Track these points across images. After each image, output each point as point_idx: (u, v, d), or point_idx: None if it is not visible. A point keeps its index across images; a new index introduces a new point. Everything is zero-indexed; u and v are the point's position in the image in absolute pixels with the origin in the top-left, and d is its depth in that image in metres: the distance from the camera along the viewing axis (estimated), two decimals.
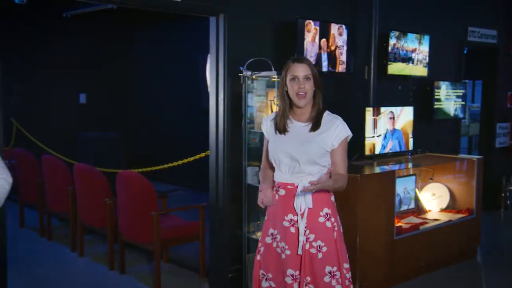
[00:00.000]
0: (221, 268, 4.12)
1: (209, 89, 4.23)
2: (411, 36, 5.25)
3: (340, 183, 2.59)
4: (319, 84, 2.64)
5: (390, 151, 4.83)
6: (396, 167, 4.61)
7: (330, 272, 2.59)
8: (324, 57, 4.44)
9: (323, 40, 4.40)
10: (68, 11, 7.43)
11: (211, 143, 4.09)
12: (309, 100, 2.61)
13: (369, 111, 4.56)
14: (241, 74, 3.90)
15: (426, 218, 4.82)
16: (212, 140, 4.07)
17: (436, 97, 5.67)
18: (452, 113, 5.94)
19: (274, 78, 3.85)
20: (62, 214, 5.36)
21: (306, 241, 2.60)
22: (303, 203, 2.58)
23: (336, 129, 2.61)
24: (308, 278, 2.59)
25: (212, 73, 4.04)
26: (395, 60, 5.14)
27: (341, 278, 2.62)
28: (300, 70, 2.59)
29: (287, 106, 2.65)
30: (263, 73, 3.89)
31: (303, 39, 4.21)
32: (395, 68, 5.14)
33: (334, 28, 4.49)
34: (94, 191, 4.67)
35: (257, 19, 4.14)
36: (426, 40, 5.41)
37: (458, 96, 5.99)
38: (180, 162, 5.62)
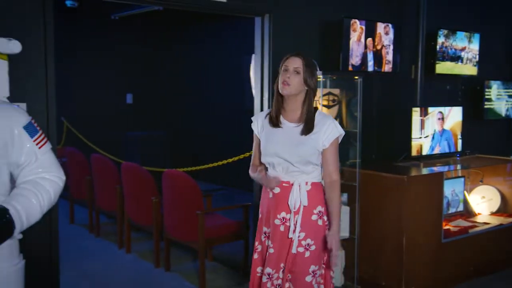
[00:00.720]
0: None
1: (253, 89, 4.25)
2: (460, 34, 5.12)
3: (338, 202, 2.63)
4: (310, 82, 2.59)
5: (438, 152, 4.72)
6: (445, 168, 4.50)
7: (313, 272, 2.58)
8: (370, 56, 4.38)
9: (369, 39, 4.35)
10: (116, 13, 7.62)
11: None
12: (293, 92, 2.56)
13: (415, 112, 4.47)
14: None
15: (476, 222, 4.69)
16: None
17: (486, 96, 5.51)
18: (503, 113, 5.75)
19: (319, 78, 3.82)
20: (110, 211, 5.49)
21: (293, 239, 2.58)
22: (297, 200, 2.57)
23: (327, 129, 2.59)
24: (289, 276, 2.59)
25: (256, 73, 4.06)
26: (444, 59, 5.02)
27: (319, 277, 2.62)
28: (292, 63, 2.57)
29: (280, 100, 2.63)
30: None
31: (348, 39, 4.17)
32: (443, 67, 5.02)
33: (381, 27, 4.42)
34: (141, 189, 4.77)
35: (302, 19, 4.13)
36: (476, 38, 5.26)
37: (510, 96, 5.79)
38: (224, 161, 5.67)
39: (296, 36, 4.08)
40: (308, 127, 2.57)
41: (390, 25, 4.48)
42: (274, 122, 2.62)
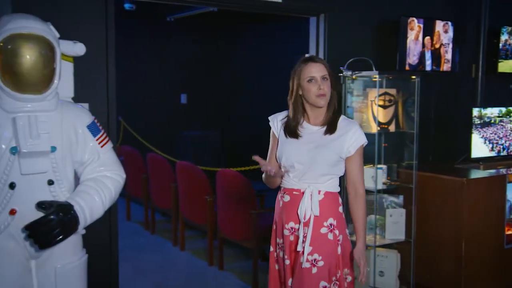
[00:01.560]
0: None
1: None
2: None
3: (364, 216, 2.44)
4: (335, 84, 2.46)
5: (500, 155, 4.54)
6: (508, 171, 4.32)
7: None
8: (428, 55, 4.27)
9: (427, 38, 4.24)
10: (172, 15, 7.77)
11: None
12: (329, 99, 2.41)
13: (476, 112, 4.32)
14: (341, 74, 3.86)
15: None
16: None
17: None
18: None
19: (375, 78, 3.76)
20: (165, 209, 5.61)
21: (302, 253, 2.36)
22: (308, 209, 2.37)
23: (353, 135, 2.40)
24: None
25: None
26: (507, 57, 4.83)
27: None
28: (317, 71, 2.39)
29: (300, 111, 2.46)
30: (364, 73, 3.82)
31: (405, 38, 4.08)
32: (506, 66, 4.83)
33: (439, 25, 4.30)
34: (195, 188, 4.84)
35: (358, 18, 4.08)
36: None
37: None
38: None
39: (351, 35, 4.04)
40: (331, 128, 2.40)
41: (449, 23, 4.35)
42: (292, 134, 2.44)
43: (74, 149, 2.15)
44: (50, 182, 2.05)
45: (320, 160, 2.36)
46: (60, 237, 1.98)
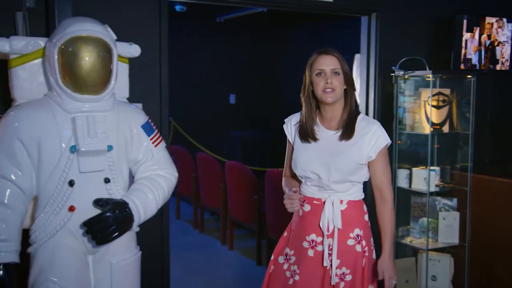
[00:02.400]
0: None
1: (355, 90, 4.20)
2: None
3: (391, 224, 2.22)
4: (351, 81, 2.23)
5: None
6: None
7: None
8: (484, 54, 4.13)
9: (483, 36, 4.10)
10: (222, 16, 7.85)
11: None
12: (338, 98, 2.19)
13: None
14: (393, 74, 3.79)
15: None
16: None
17: None
18: None
19: (429, 77, 3.68)
20: (213, 208, 5.67)
21: (330, 267, 2.19)
22: (330, 222, 2.18)
23: (372, 137, 2.18)
24: None
25: (362, 73, 3.98)
26: None
27: None
28: (327, 63, 2.18)
29: (313, 109, 2.26)
30: (417, 73, 3.74)
31: (461, 36, 3.96)
32: None
33: (495, 22, 4.15)
34: (244, 188, 4.87)
35: (411, 16, 3.99)
36: None
37: None
38: None
39: (404, 34, 3.95)
40: (348, 132, 2.19)
41: (504, 20, 4.19)
42: (308, 136, 2.26)
43: (129, 148, 2.20)
44: (107, 180, 2.11)
45: (336, 169, 2.17)
46: (116, 234, 2.04)
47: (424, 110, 3.73)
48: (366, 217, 2.29)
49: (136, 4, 3.09)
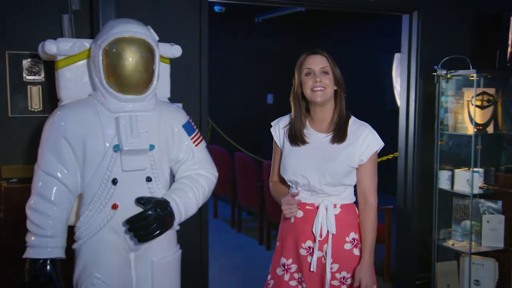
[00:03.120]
0: (408, 274, 3.97)
1: (395, 90, 4.12)
2: None
3: (373, 230, 2.15)
4: (341, 82, 2.19)
5: None
6: None
7: None
8: None
9: None
10: (260, 16, 7.86)
11: (400, 145, 3.97)
12: (328, 97, 2.15)
13: None
14: (435, 74, 3.72)
15: None
16: (402, 142, 3.95)
17: None
18: None
19: (472, 76, 3.59)
20: (251, 208, 5.68)
21: (326, 272, 2.15)
22: (324, 227, 2.14)
23: (365, 140, 2.15)
24: None
25: (403, 73, 3.92)
26: None
27: None
28: (316, 62, 2.15)
29: (303, 111, 2.21)
30: (460, 72, 3.65)
31: (507, 33, 3.84)
32: None
33: None
34: None
35: (453, 13, 3.90)
36: None
37: None
38: None
39: (446, 32, 3.87)
40: (339, 135, 2.15)
41: None
42: (297, 140, 2.20)
43: (171, 147, 2.23)
44: (148, 179, 2.14)
45: (330, 173, 2.13)
46: (157, 232, 2.06)
47: (467, 110, 3.65)
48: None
49: (177, 5, 3.13)
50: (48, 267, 2.02)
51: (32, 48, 2.71)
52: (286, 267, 2.24)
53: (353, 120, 2.22)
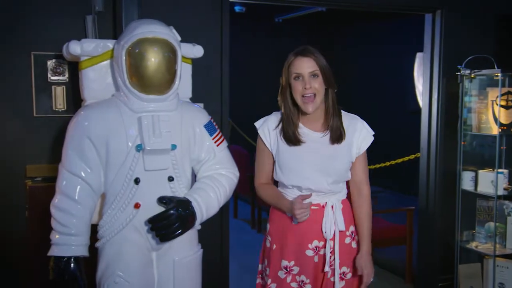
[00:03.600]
0: (430, 276, 3.93)
1: (417, 89, 4.08)
2: None
3: (370, 219, 2.20)
4: (330, 80, 2.13)
5: None
6: None
7: None
8: None
9: None
10: (280, 16, 7.85)
11: (422, 146, 3.93)
12: (319, 103, 2.12)
13: None
14: (458, 73, 3.67)
15: None
16: (424, 142, 3.91)
17: None
18: None
19: (497, 76, 3.53)
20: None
21: (329, 267, 2.16)
22: (332, 225, 2.13)
23: (360, 134, 2.18)
24: None
25: (425, 73, 3.88)
26: None
27: None
28: (304, 66, 2.08)
29: (294, 110, 2.17)
30: (484, 71, 3.60)
31: None
32: None
33: None
34: None
35: (477, 12, 3.85)
36: None
37: None
38: (387, 163, 5.52)
39: (470, 32, 3.82)
40: (337, 135, 2.15)
41: None
42: (293, 140, 2.16)
43: (192, 147, 2.24)
44: (170, 179, 2.15)
45: (334, 173, 2.14)
46: (179, 231, 2.08)
47: (491, 110, 3.59)
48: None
49: (198, 5, 3.15)
50: (72, 265, 2.05)
51: (57, 49, 2.74)
52: (288, 269, 2.20)
53: (344, 114, 2.22)
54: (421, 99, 3.97)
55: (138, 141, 2.08)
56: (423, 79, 3.92)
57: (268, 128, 2.25)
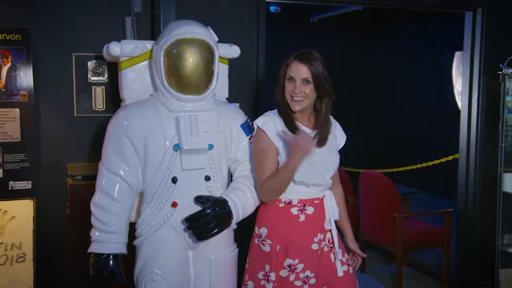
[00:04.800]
0: (469, 279, 3.84)
1: (455, 89, 4.00)
2: None
3: (345, 206, 2.44)
4: (325, 89, 2.17)
5: None
6: None
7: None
8: None
9: None
10: (315, 16, 7.82)
11: (461, 146, 3.85)
12: (306, 105, 2.17)
13: None
14: (500, 72, 3.58)
15: None
16: (463, 143, 3.82)
17: None
18: None
19: None
20: None
21: (335, 259, 2.26)
22: (331, 215, 2.25)
23: (339, 131, 2.36)
24: None
25: (465, 72, 3.79)
26: None
27: None
28: (298, 72, 2.14)
29: (286, 109, 2.21)
30: None
31: None
32: None
33: None
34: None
35: None
36: None
37: None
38: (424, 164, 5.43)
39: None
40: (326, 137, 2.23)
41: None
42: (292, 129, 2.18)
43: (229, 147, 2.25)
44: (207, 178, 2.16)
45: (334, 167, 2.28)
46: (215, 230, 2.09)
47: None
48: None
49: (235, 6, 3.16)
50: (111, 261, 2.09)
51: (97, 50, 2.80)
52: (292, 268, 2.18)
53: None
54: (460, 99, 3.88)
55: (175, 141, 2.10)
56: (462, 79, 3.83)
57: (273, 123, 2.20)
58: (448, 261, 4.11)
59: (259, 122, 2.21)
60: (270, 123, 2.19)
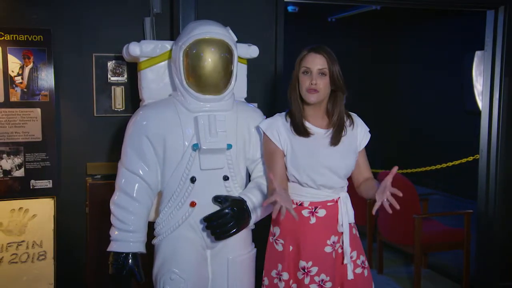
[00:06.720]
0: (489, 282, 3.79)
1: (475, 89, 3.94)
2: None
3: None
4: (339, 83, 2.15)
5: None
6: None
7: None
8: None
9: None
10: (333, 15, 7.78)
11: (481, 147, 3.79)
12: (322, 98, 2.14)
13: None
14: None
15: None
16: (484, 143, 3.77)
17: None
18: None
19: None
20: None
21: (350, 261, 2.21)
22: (345, 217, 2.18)
23: (361, 129, 2.28)
24: None
25: (486, 72, 3.74)
26: None
27: None
28: (315, 62, 2.11)
29: (301, 105, 2.17)
30: None
31: None
32: None
33: None
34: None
35: None
36: None
37: None
38: (444, 165, 5.37)
39: None
40: (339, 135, 2.17)
41: None
42: (302, 132, 2.16)
43: (247, 147, 2.25)
44: (225, 178, 2.17)
45: (346, 168, 2.19)
46: (234, 230, 2.09)
47: None
48: None
49: (253, 6, 3.16)
50: (130, 260, 2.11)
51: (116, 51, 2.83)
52: (306, 270, 2.16)
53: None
54: (480, 99, 3.83)
55: (194, 141, 2.11)
56: (483, 78, 3.78)
57: (277, 127, 2.19)
58: (468, 263, 4.05)
59: (263, 125, 2.21)
60: (273, 126, 2.19)
